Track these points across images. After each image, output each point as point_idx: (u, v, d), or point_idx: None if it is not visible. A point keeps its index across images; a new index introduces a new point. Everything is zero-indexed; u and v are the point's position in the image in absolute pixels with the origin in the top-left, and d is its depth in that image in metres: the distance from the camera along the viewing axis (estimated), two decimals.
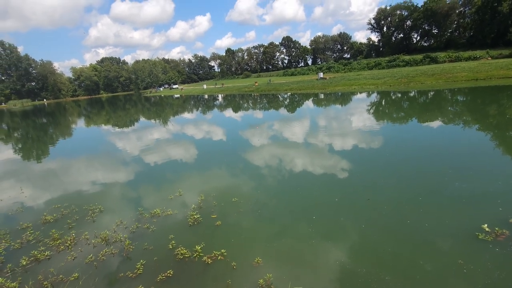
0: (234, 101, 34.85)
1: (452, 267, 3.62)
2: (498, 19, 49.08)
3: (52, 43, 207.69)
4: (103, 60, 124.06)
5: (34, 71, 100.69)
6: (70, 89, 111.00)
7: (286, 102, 28.07)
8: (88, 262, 4.43)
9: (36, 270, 4.37)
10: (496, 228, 4.19)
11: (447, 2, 64.29)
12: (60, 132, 22.99)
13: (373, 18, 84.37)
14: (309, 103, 25.22)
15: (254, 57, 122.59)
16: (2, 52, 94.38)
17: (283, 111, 21.47)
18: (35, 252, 4.72)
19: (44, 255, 4.70)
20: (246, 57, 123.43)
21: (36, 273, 4.27)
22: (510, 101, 15.41)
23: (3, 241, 5.29)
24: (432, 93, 22.03)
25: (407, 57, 52.85)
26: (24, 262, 4.52)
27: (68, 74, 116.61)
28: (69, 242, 5.00)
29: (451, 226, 4.44)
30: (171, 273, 3.98)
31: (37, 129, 26.46)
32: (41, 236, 5.34)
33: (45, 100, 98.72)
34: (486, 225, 4.26)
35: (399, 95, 23.13)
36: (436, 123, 12.10)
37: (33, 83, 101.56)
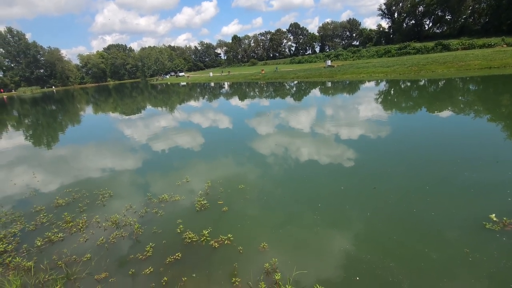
0: (240, 89, 34.64)
1: (458, 256, 3.63)
2: None
3: (58, 30, 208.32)
4: (109, 47, 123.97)
5: (42, 58, 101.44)
6: (77, 76, 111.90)
7: (292, 91, 27.77)
8: (99, 244, 4.59)
9: (50, 251, 4.55)
10: (504, 218, 4.16)
11: None
12: (69, 119, 23.31)
13: (384, 4, 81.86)
14: (316, 92, 24.91)
15: (261, 44, 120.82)
16: (11, 39, 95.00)
17: (289, 99, 21.28)
18: (49, 234, 4.90)
19: (57, 236, 4.87)
20: (253, 44, 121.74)
21: (50, 253, 4.44)
22: None
23: (18, 222, 5.49)
24: (443, 82, 21.48)
25: (418, 45, 51.42)
26: (39, 243, 4.70)
27: (76, 61, 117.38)
28: (81, 225, 5.16)
29: (458, 216, 4.43)
30: (180, 256, 4.10)
31: (47, 116, 26.87)
32: (54, 219, 5.52)
33: (53, 87, 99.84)
34: (494, 215, 4.23)
35: (409, 83, 22.63)
36: (446, 113, 11.86)
37: (42, 70, 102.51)
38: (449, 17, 67.32)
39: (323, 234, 4.35)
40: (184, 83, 58.23)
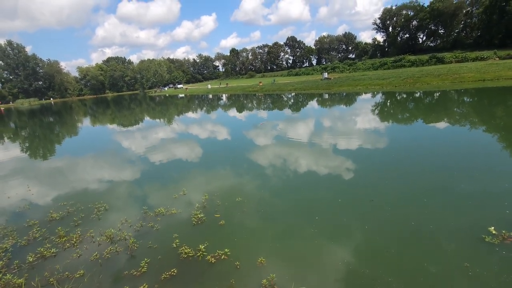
0: (239, 101, 34.90)
1: (457, 270, 3.58)
2: (506, 19, 48.43)
3: (59, 43, 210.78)
4: (109, 60, 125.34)
5: (41, 71, 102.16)
6: (76, 88, 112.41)
7: (290, 102, 28.02)
8: (93, 260, 4.48)
9: (42, 267, 4.43)
10: (504, 231, 4.14)
11: (454, 2, 63.63)
12: (66, 131, 23.25)
13: (379, 18, 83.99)
14: (313, 103, 25.14)
15: (259, 57, 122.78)
16: (10, 51, 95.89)
17: (287, 111, 21.44)
18: (42, 249, 4.78)
19: (50, 252, 4.76)
20: (251, 57, 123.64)
21: (43, 270, 4.33)
22: None
23: (10, 237, 5.37)
24: (438, 93, 21.81)
25: (412, 57, 52.44)
26: (31, 259, 4.59)
27: (75, 73, 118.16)
28: (74, 240, 5.05)
29: (457, 228, 4.40)
30: (175, 271, 4.01)
31: (44, 128, 26.79)
32: (47, 234, 5.41)
33: (51, 99, 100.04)
34: (493, 227, 4.21)
35: (405, 95, 22.94)
36: (442, 124, 11.98)
37: (40, 82, 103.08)
38: (442, 31, 69.14)
39: (321, 248, 4.29)
40: (182, 95, 58.61)
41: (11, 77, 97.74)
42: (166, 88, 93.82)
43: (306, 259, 4.09)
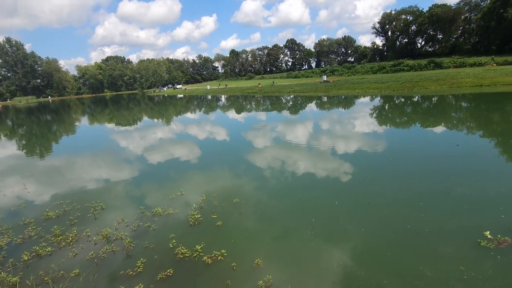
0: (237, 102, 34.93)
1: (452, 274, 3.59)
2: (504, 26, 48.92)
3: (58, 41, 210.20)
4: (108, 59, 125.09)
5: (39, 69, 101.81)
6: (74, 87, 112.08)
7: (289, 105, 28.08)
8: (88, 259, 4.46)
9: (37, 266, 4.40)
10: (499, 235, 4.16)
11: (453, 8, 64.21)
12: (64, 130, 23.15)
13: (378, 22, 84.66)
14: (312, 106, 25.21)
15: (258, 58, 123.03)
16: (8, 49, 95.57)
17: (286, 113, 21.48)
18: (37, 248, 4.76)
19: (45, 251, 4.73)
20: (250, 58, 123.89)
21: (37, 269, 4.30)
22: None
23: (6, 236, 5.33)
24: (436, 98, 21.94)
25: (411, 62, 52.76)
26: (26, 257, 4.56)
27: (74, 72, 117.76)
28: (70, 239, 5.03)
29: (453, 232, 4.42)
30: (171, 272, 3.99)
31: (41, 126, 26.66)
32: (43, 232, 5.38)
33: (49, 97, 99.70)
34: (488, 232, 4.23)
35: (403, 99, 23.07)
36: (439, 129, 12.05)
37: (38, 80, 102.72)
38: (440, 36, 69.72)
39: (317, 250, 4.29)
40: (181, 96, 58.58)
41: (9, 75, 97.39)
42: (165, 88, 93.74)
43: (303, 261, 4.09)
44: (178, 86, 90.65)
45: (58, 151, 13.86)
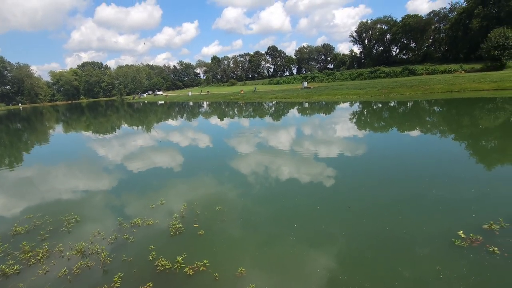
0: (220, 109, 34.79)
1: (430, 273, 3.71)
2: (470, 36, 52.29)
3: (30, 46, 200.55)
4: (84, 65, 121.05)
5: (9, 74, 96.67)
6: (48, 93, 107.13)
7: (271, 111, 28.32)
8: (61, 276, 4.20)
9: (3, 286, 4.08)
10: (471, 234, 4.36)
11: (424, 18, 67.88)
12: (36, 138, 21.97)
13: (355, 31, 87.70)
14: (294, 112, 25.57)
15: (240, 65, 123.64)
16: None
17: (268, 119, 21.62)
18: (3, 266, 4.42)
19: (13, 269, 4.41)
20: (232, 65, 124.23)
21: None
22: (482, 112, 16.31)
23: None
24: (410, 103, 22.95)
25: (387, 69, 54.99)
26: None
27: (47, 78, 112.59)
28: (41, 255, 4.72)
29: (429, 233, 4.58)
30: (151, 285, 3.84)
31: (11, 135, 25.18)
32: (10, 249, 5.02)
33: (20, 104, 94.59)
34: (462, 231, 4.42)
35: (380, 105, 23.93)
36: (414, 133, 12.58)
37: (8, 87, 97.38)
38: (413, 44, 73.27)
39: (300, 256, 4.30)
40: (162, 102, 57.57)
41: None
42: (145, 95, 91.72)
43: (286, 267, 4.07)
44: (158, 93, 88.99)
45: (29, 161, 13.11)
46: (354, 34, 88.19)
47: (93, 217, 6.19)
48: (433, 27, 67.97)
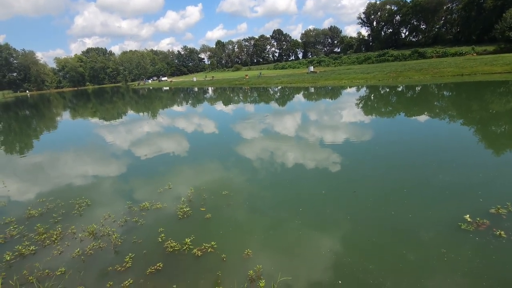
0: (225, 94, 34.57)
1: (434, 256, 3.75)
2: (483, 16, 50.17)
3: (35, 32, 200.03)
4: (89, 51, 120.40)
5: (15, 61, 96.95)
6: (54, 80, 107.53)
7: (277, 96, 28.04)
8: (75, 257, 4.37)
9: (20, 265, 4.28)
10: (478, 218, 4.36)
11: None
12: (44, 125, 22.30)
13: (363, 13, 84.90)
14: (299, 97, 25.28)
15: (245, 49, 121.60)
16: None
17: (274, 104, 21.45)
18: (20, 247, 4.62)
19: (29, 250, 4.60)
20: (237, 49, 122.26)
21: (21, 268, 4.18)
22: (493, 96, 15.88)
23: None
24: (419, 88, 22.44)
25: (396, 52, 53.59)
26: (8, 257, 4.42)
27: (52, 64, 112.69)
28: (55, 237, 4.90)
29: (435, 217, 4.59)
30: (161, 265, 3.98)
31: (20, 122, 25.58)
32: (26, 231, 5.22)
33: (27, 91, 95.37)
34: (468, 215, 4.42)
35: (388, 89, 23.46)
36: (423, 118, 12.37)
37: (15, 74, 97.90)
38: (423, 26, 70.83)
39: (305, 238, 4.37)
40: (167, 88, 57.40)
41: None
42: (150, 81, 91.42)
43: (292, 249, 4.16)
44: (163, 79, 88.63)
45: (39, 148, 13.37)
46: (362, 15, 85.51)
47: (103, 201, 6.35)
48: (445, 7, 65.27)
